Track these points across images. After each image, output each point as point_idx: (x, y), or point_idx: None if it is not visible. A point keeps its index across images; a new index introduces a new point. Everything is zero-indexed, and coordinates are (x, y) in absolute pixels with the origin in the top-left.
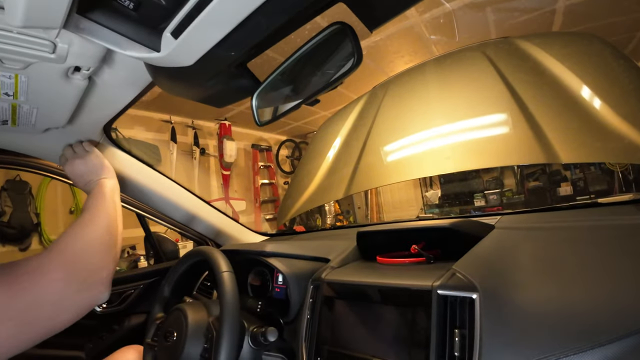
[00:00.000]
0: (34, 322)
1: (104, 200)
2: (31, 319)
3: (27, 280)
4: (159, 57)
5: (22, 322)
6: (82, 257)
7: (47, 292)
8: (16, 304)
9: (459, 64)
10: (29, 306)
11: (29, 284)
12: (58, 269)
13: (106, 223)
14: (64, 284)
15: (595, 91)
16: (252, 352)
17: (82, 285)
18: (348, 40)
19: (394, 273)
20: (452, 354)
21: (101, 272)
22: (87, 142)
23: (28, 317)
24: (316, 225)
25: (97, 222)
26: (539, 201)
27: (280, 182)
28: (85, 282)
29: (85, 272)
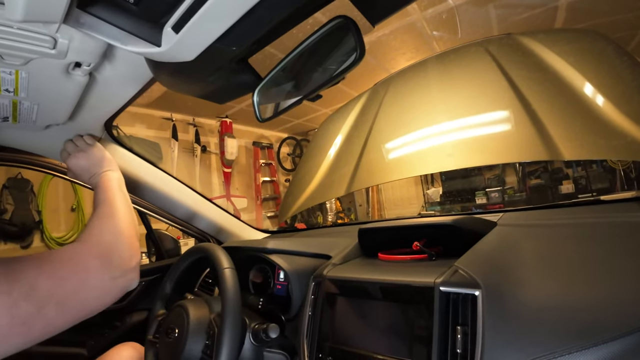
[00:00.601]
0: (77, 305)
1: (115, 193)
2: (75, 302)
3: (69, 267)
4: (159, 52)
5: (67, 305)
6: (113, 248)
7: (87, 277)
8: (61, 288)
9: (461, 61)
10: (73, 290)
11: (71, 270)
12: (94, 258)
13: (124, 215)
14: (101, 271)
15: (598, 88)
16: (254, 349)
17: (117, 273)
18: (351, 34)
19: (396, 270)
20: (454, 351)
21: (131, 260)
22: (87, 135)
23: (72, 300)
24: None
25: (117, 214)
26: (540, 199)
27: (281, 179)
28: (119, 270)
29: (118, 260)
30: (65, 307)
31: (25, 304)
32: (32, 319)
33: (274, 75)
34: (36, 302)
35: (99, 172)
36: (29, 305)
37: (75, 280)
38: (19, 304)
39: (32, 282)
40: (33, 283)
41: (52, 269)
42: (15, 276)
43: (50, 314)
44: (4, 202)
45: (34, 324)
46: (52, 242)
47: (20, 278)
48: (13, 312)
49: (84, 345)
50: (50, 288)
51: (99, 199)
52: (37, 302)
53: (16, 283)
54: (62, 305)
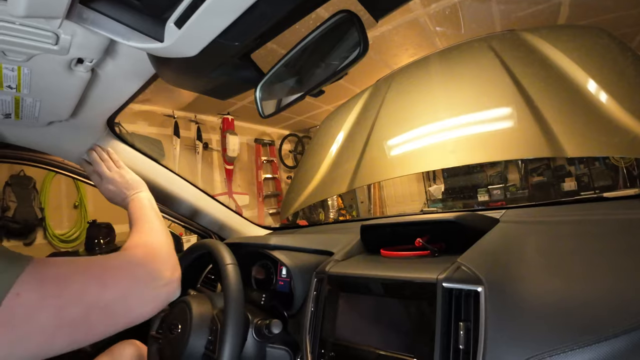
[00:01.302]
0: (122, 312)
1: (148, 212)
2: (119, 309)
3: (117, 275)
4: (162, 47)
5: (111, 311)
6: (157, 260)
7: (133, 286)
8: (108, 294)
9: (464, 57)
10: (119, 297)
11: (119, 277)
12: (141, 268)
13: (162, 231)
14: (147, 281)
15: (602, 85)
16: (256, 345)
17: (161, 283)
18: (354, 28)
19: (399, 266)
20: (457, 347)
21: (174, 272)
22: (115, 158)
23: (117, 306)
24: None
25: (155, 230)
26: (542, 196)
27: (283, 176)
28: (162, 280)
29: (162, 271)
30: (110, 313)
31: (73, 307)
32: (78, 323)
33: (277, 70)
34: (83, 306)
35: (131, 194)
36: (76, 309)
37: (121, 287)
38: (67, 307)
39: (81, 287)
40: (83, 288)
41: (100, 276)
42: (67, 280)
43: (94, 319)
44: (6, 200)
45: (79, 327)
46: (55, 239)
47: (72, 283)
48: (61, 314)
49: None
50: (98, 293)
51: (135, 218)
52: (84, 306)
53: (67, 287)
54: (107, 310)
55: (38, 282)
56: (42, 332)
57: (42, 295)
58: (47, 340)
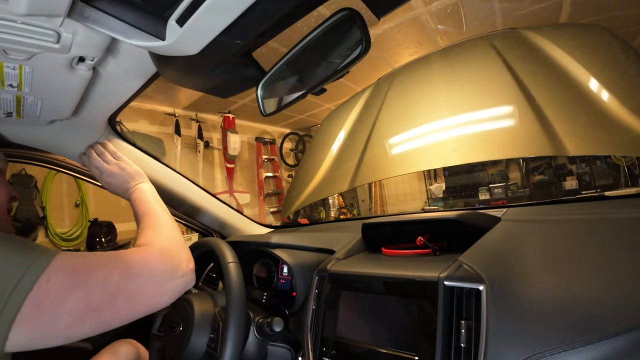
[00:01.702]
0: (143, 300)
1: (153, 204)
2: (141, 297)
3: (139, 266)
4: (163, 45)
5: (134, 299)
6: (173, 253)
7: (153, 276)
8: (131, 283)
9: (465, 55)
10: (140, 286)
11: (140, 269)
12: (159, 261)
13: (171, 223)
14: (165, 272)
15: (604, 83)
16: (258, 343)
17: (178, 274)
18: (356, 26)
19: (400, 264)
20: (458, 345)
21: (189, 263)
22: (112, 150)
23: (139, 295)
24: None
25: (164, 224)
26: (544, 195)
27: (284, 175)
28: (179, 271)
29: (178, 263)
30: (133, 300)
31: (99, 294)
32: (103, 308)
33: (278, 69)
34: (109, 293)
35: (133, 186)
36: (102, 296)
37: (143, 277)
38: (94, 293)
39: (106, 276)
40: (107, 277)
41: (124, 267)
42: (92, 270)
43: (119, 305)
44: None
45: (105, 312)
46: (57, 238)
47: (97, 272)
48: (88, 299)
49: (89, 339)
50: (122, 282)
51: (142, 212)
52: (110, 293)
53: (93, 276)
54: (130, 298)
55: (67, 270)
56: (70, 315)
57: (70, 282)
58: (76, 322)
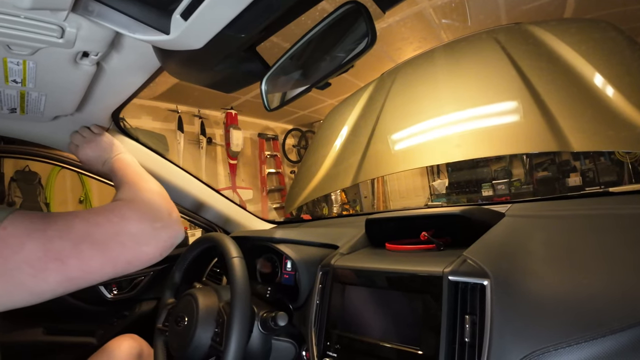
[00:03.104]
0: (116, 248)
1: (134, 169)
2: (113, 246)
3: (106, 215)
4: (168, 39)
5: (103, 246)
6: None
7: (125, 224)
8: (97, 231)
9: (469, 50)
10: (111, 234)
11: (107, 217)
12: (131, 210)
13: (151, 180)
14: (140, 221)
15: (608, 79)
16: (262, 337)
17: (158, 224)
18: (362, 19)
19: (404, 259)
20: (463, 340)
21: (171, 213)
22: (93, 125)
23: (110, 242)
24: (322, 214)
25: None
26: (547, 191)
27: (286, 171)
28: (159, 221)
29: (156, 213)
30: (103, 248)
31: (60, 240)
32: (66, 254)
33: (283, 63)
34: (71, 239)
35: (111, 157)
36: (63, 242)
37: (111, 226)
38: (53, 239)
39: (67, 223)
40: (69, 223)
41: (88, 214)
42: (52, 218)
43: (85, 252)
44: (12, 195)
45: (69, 259)
46: None
47: (57, 220)
48: (47, 246)
49: (93, 334)
50: (86, 229)
51: (121, 175)
52: (72, 240)
53: (52, 223)
54: (99, 245)
55: (24, 219)
56: (30, 263)
57: (27, 229)
58: (38, 273)
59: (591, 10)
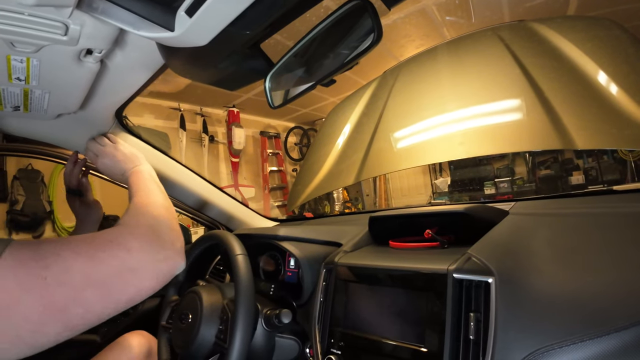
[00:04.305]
0: (118, 289)
1: (147, 184)
2: (116, 286)
3: (109, 249)
4: (172, 36)
5: (106, 289)
6: (154, 231)
7: (127, 259)
8: (100, 270)
9: (473, 48)
10: (113, 273)
11: (110, 252)
12: (135, 240)
13: (161, 201)
14: (142, 253)
15: (612, 77)
16: (266, 334)
17: (160, 255)
18: (367, 15)
19: (408, 257)
20: (467, 338)
21: (174, 243)
22: (110, 134)
23: (112, 283)
24: (324, 212)
25: (153, 201)
26: (550, 190)
27: (288, 169)
28: (162, 252)
29: (160, 242)
30: (105, 291)
31: (61, 289)
32: (70, 306)
33: (287, 60)
34: (73, 286)
35: (130, 168)
36: (64, 290)
37: (114, 262)
38: (53, 290)
39: (67, 264)
40: (68, 265)
41: (89, 250)
42: (49, 259)
43: (88, 298)
44: (15, 193)
45: (72, 310)
46: (64, 232)
47: (57, 262)
48: (47, 299)
49: (96, 331)
50: (88, 270)
51: (133, 191)
52: (74, 286)
53: (51, 268)
54: (102, 289)
55: (16, 265)
56: (29, 319)
57: (22, 280)
58: (36, 328)
59: (594, 7)
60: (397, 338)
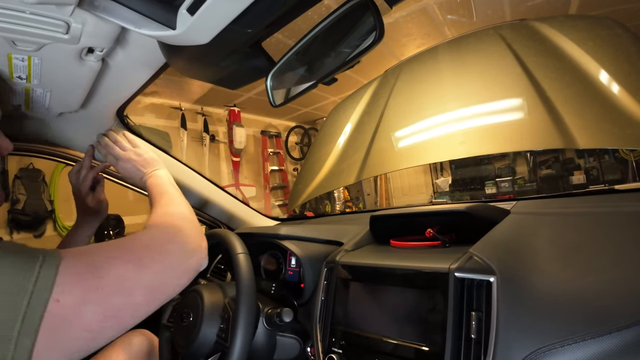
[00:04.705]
0: (161, 288)
1: (168, 188)
2: (159, 285)
3: (149, 253)
4: (174, 35)
5: (151, 291)
6: (183, 232)
7: (166, 260)
8: (146, 274)
9: (474, 47)
10: (155, 276)
11: (151, 256)
12: (168, 242)
13: (183, 204)
14: (176, 253)
15: (614, 76)
16: (267, 333)
17: (191, 253)
18: (369, 13)
19: (410, 256)
20: (469, 336)
21: (201, 242)
22: (130, 137)
23: (156, 283)
24: (325, 212)
25: (176, 204)
26: (551, 189)
27: (289, 168)
28: (192, 251)
29: (189, 243)
30: (152, 291)
31: (117, 296)
32: (123, 309)
33: (288, 59)
34: (127, 293)
35: (149, 172)
36: (120, 297)
37: (157, 266)
38: (111, 297)
39: (119, 273)
40: (120, 274)
41: (135, 257)
42: (102, 271)
43: (138, 300)
44: (16, 192)
45: (125, 313)
46: (65, 231)
47: (109, 271)
48: (106, 306)
49: None
50: (136, 275)
51: (155, 195)
52: (128, 293)
53: (106, 278)
54: (149, 290)
55: (75, 279)
56: (89, 330)
57: (81, 293)
58: (97, 335)
59: (595, 7)
60: (399, 337)
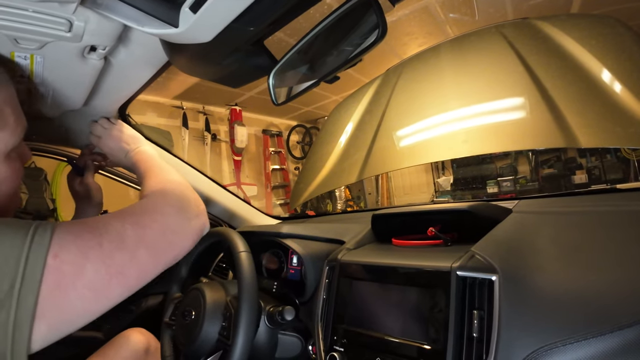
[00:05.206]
0: (165, 247)
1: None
2: (162, 246)
3: (149, 215)
4: (176, 33)
5: (156, 248)
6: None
7: (168, 221)
8: (148, 234)
9: (476, 46)
10: (159, 234)
11: (152, 217)
12: (168, 206)
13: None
14: (178, 215)
15: (616, 75)
16: (269, 331)
17: (191, 215)
18: (372, 11)
19: (411, 255)
20: (471, 335)
21: (199, 205)
22: (112, 117)
23: (160, 243)
24: (326, 211)
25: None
26: (553, 188)
27: (290, 167)
28: (193, 212)
29: (188, 205)
30: (155, 250)
31: (119, 252)
32: (127, 267)
33: (290, 57)
34: (128, 250)
35: (133, 149)
36: (122, 253)
37: (157, 225)
38: (112, 253)
39: (119, 232)
40: (120, 232)
41: (134, 219)
42: (102, 229)
43: (142, 259)
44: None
45: (130, 271)
46: None
47: (108, 230)
48: (108, 262)
49: (100, 328)
50: (138, 235)
51: (145, 169)
52: (129, 249)
53: (105, 235)
54: (152, 249)
55: (72, 237)
56: (92, 287)
57: (81, 250)
58: (100, 294)
59: (597, 6)
60: (400, 335)
